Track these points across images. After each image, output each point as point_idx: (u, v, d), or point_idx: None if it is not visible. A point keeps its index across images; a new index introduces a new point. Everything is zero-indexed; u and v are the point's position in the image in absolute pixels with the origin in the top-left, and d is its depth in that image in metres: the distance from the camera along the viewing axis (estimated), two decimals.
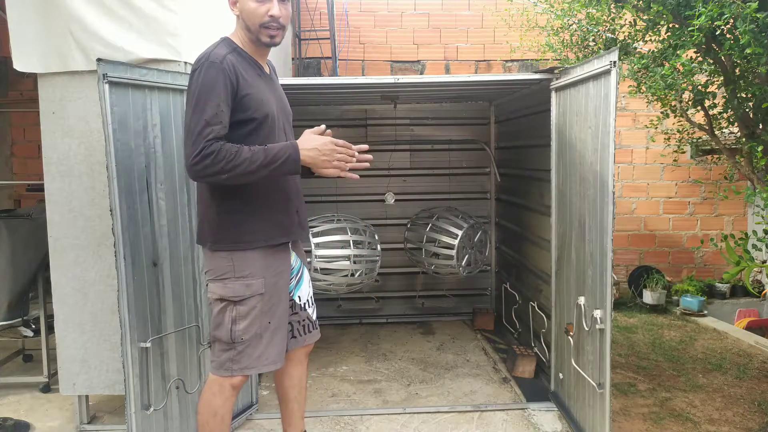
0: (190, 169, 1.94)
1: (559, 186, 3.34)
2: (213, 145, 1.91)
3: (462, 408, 3.40)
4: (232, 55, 2.05)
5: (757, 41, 2.70)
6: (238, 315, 2.13)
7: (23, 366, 4.12)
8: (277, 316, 2.23)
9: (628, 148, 5.91)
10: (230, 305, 2.13)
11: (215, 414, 2.20)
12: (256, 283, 2.13)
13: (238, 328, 2.13)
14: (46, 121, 2.99)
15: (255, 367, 2.18)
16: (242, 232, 2.11)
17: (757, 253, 3.57)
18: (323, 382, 3.84)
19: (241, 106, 2.02)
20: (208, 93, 1.94)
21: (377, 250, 4.09)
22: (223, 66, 1.97)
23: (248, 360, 2.16)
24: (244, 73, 2.05)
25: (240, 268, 2.11)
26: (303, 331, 2.42)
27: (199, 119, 1.92)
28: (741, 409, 3.38)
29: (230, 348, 2.15)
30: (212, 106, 1.93)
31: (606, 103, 2.62)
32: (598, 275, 2.74)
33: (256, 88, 2.09)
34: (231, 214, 2.10)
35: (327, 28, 5.52)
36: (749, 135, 3.46)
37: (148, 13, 2.86)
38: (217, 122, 1.93)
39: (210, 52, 2.02)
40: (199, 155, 1.90)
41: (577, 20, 4.12)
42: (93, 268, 3.05)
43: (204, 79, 1.96)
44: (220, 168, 1.91)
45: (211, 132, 1.91)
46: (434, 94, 4.55)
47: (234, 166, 1.91)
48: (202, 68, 1.98)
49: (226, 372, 2.17)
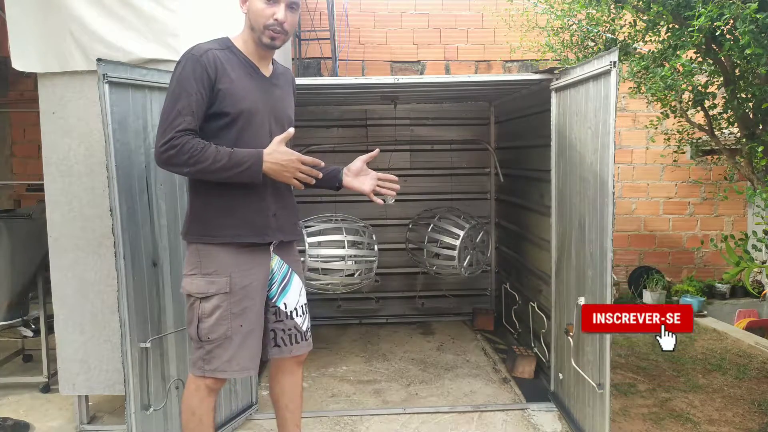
0: (157, 157, 1.99)
1: (559, 186, 3.34)
2: (182, 137, 1.94)
3: (462, 408, 3.40)
4: (220, 51, 2.07)
5: (757, 42, 2.70)
6: (203, 312, 2.11)
7: (23, 366, 4.12)
8: (249, 319, 2.16)
9: (628, 148, 5.91)
10: (197, 302, 2.12)
11: (193, 413, 2.19)
12: (221, 281, 2.10)
13: (204, 327, 2.11)
14: (46, 121, 2.99)
15: (226, 370, 2.14)
16: (210, 226, 2.11)
17: (757, 253, 3.56)
18: (323, 382, 3.84)
19: (216, 99, 2.04)
20: (183, 84, 1.98)
21: (374, 251, 4.09)
22: (201, 59, 2.00)
23: (218, 362, 2.13)
24: (228, 68, 2.06)
25: (206, 264, 2.11)
26: (289, 341, 2.33)
27: (172, 109, 1.96)
28: (741, 409, 3.38)
29: (200, 347, 2.14)
30: (185, 97, 1.97)
31: (606, 103, 2.62)
32: (598, 275, 2.74)
33: (238, 84, 2.07)
34: (201, 206, 2.12)
35: (327, 29, 5.52)
36: (749, 135, 3.46)
37: (148, 13, 2.86)
38: (188, 113, 1.96)
39: (194, 46, 2.06)
40: (166, 144, 1.94)
41: (577, 21, 4.12)
42: (93, 268, 3.05)
43: (182, 71, 2.00)
44: (184, 161, 1.95)
45: (181, 123, 1.94)
46: (434, 94, 4.55)
47: (196, 162, 1.95)
48: (182, 61, 2.02)
49: (198, 371, 2.16)
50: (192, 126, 1.98)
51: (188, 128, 1.96)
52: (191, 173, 2.00)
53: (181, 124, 1.95)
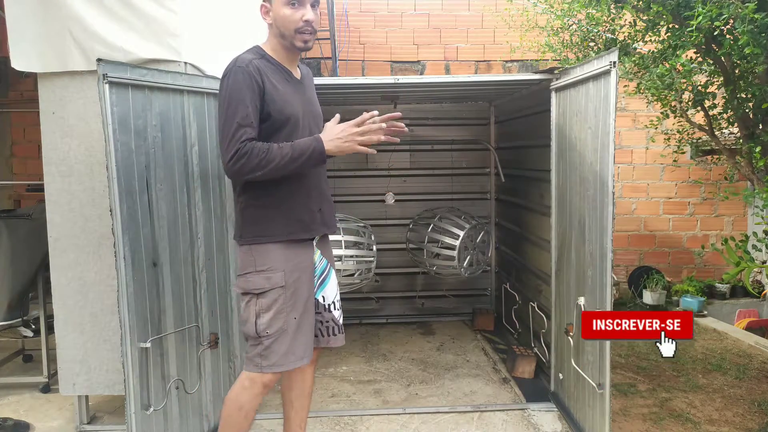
0: (229, 170, 2.07)
1: (559, 186, 3.34)
2: (246, 145, 2.03)
3: (462, 408, 3.40)
4: (258, 60, 2.15)
5: (756, 41, 2.70)
6: (261, 308, 2.19)
7: (23, 366, 4.12)
8: (301, 312, 2.26)
9: (628, 148, 5.91)
10: (254, 298, 2.20)
11: (240, 408, 2.24)
12: (276, 276, 2.19)
13: (262, 322, 2.18)
14: (46, 121, 2.99)
15: (283, 364, 2.22)
16: (262, 227, 2.20)
17: (757, 253, 3.56)
18: (323, 382, 3.84)
19: (265, 106, 2.12)
20: (237, 96, 2.05)
21: (372, 251, 4.09)
22: (249, 69, 2.08)
23: (276, 356, 2.20)
24: (270, 75, 2.15)
25: (261, 261, 2.20)
26: (325, 333, 2.44)
27: (232, 122, 2.03)
28: (741, 409, 3.38)
29: (258, 343, 2.20)
30: (242, 108, 2.04)
31: (606, 103, 2.62)
32: (598, 275, 2.74)
33: (281, 90, 2.17)
34: (252, 209, 2.21)
35: (327, 29, 5.51)
36: (749, 135, 3.46)
37: (149, 13, 2.86)
38: (248, 123, 2.04)
39: (237, 58, 2.14)
40: (234, 156, 2.02)
41: (577, 20, 4.12)
42: (93, 268, 3.05)
43: (232, 83, 2.06)
44: (255, 164, 2.03)
45: (243, 134, 2.03)
46: (434, 94, 4.55)
47: (267, 162, 2.03)
48: (230, 74, 2.09)
49: (256, 369, 2.21)
50: (253, 136, 2.06)
51: (251, 138, 2.05)
52: (265, 174, 2.06)
53: (243, 136, 2.03)
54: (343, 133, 2.14)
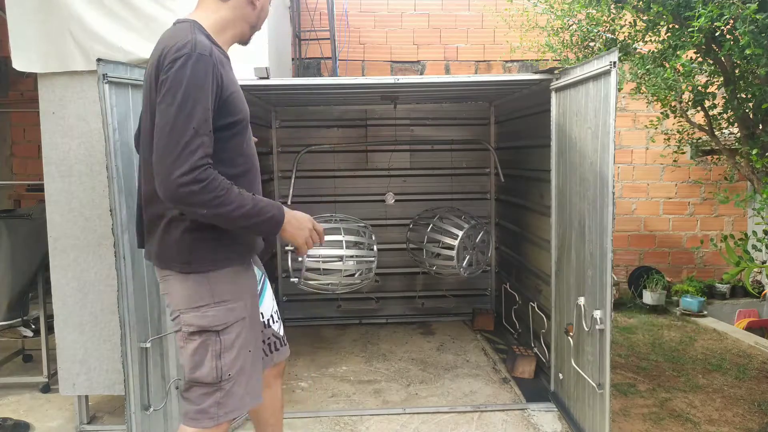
0: (172, 189, 1.60)
1: (559, 186, 3.34)
2: (207, 171, 1.61)
3: (462, 408, 3.40)
4: (214, 46, 1.77)
5: (757, 42, 2.70)
6: (223, 347, 1.80)
7: (23, 366, 4.12)
8: (254, 342, 1.95)
9: (628, 148, 5.91)
10: (212, 337, 1.80)
11: None
12: (239, 306, 1.85)
13: (225, 363, 1.81)
14: (46, 121, 2.99)
15: (240, 407, 1.88)
16: (219, 251, 1.80)
17: (757, 253, 3.57)
18: (323, 382, 3.84)
19: (227, 107, 1.75)
20: (196, 93, 1.62)
21: (373, 251, 4.09)
22: (213, 60, 1.68)
23: (234, 401, 1.85)
24: (224, 64, 1.79)
25: (220, 291, 1.81)
26: (269, 350, 2.12)
27: (186, 127, 1.60)
28: (741, 409, 3.38)
29: (216, 390, 1.82)
30: (201, 111, 1.62)
31: (606, 103, 2.62)
32: (598, 275, 2.74)
33: (235, 84, 1.83)
34: (203, 231, 1.76)
35: (327, 29, 5.52)
36: (749, 135, 3.46)
37: (148, 13, 2.87)
38: (206, 131, 1.63)
39: (194, 41, 1.67)
40: (188, 176, 1.58)
41: (577, 21, 4.11)
42: (93, 268, 3.05)
43: (191, 75, 1.62)
44: (207, 200, 1.61)
45: (200, 146, 1.61)
46: (434, 94, 4.55)
47: (220, 204, 1.63)
48: (189, 61, 1.63)
49: (211, 422, 1.82)
50: (211, 150, 1.66)
51: (208, 154, 1.64)
52: (207, 216, 1.66)
53: (199, 149, 1.61)
54: (306, 225, 1.84)
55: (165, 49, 1.68)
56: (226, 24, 1.87)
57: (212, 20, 1.83)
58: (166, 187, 1.60)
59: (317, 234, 1.89)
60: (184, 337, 1.83)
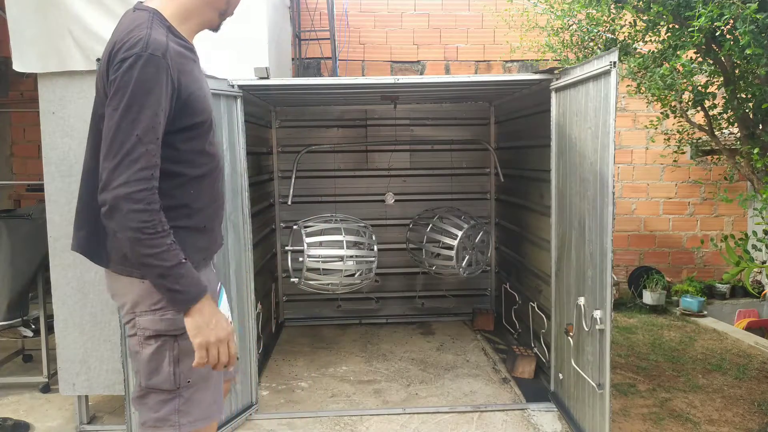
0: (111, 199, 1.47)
1: (559, 186, 3.35)
2: (148, 196, 1.49)
3: (462, 408, 3.40)
4: (170, 39, 1.60)
5: (757, 42, 2.70)
6: (180, 352, 1.67)
7: (23, 366, 4.12)
8: None
9: (628, 148, 5.91)
10: (170, 341, 1.67)
11: None
12: None
13: (183, 369, 1.67)
14: (46, 121, 3.00)
15: (210, 416, 1.74)
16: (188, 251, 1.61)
17: (757, 253, 3.57)
18: (323, 382, 3.84)
19: (187, 109, 1.62)
20: (145, 97, 1.50)
21: (374, 251, 4.09)
22: (166, 62, 1.53)
23: (200, 409, 1.71)
24: (183, 62, 1.63)
25: None
26: None
27: (130, 132, 1.48)
28: (741, 409, 3.38)
29: (174, 397, 1.68)
30: (148, 116, 1.50)
31: (606, 103, 2.62)
32: (598, 275, 2.74)
33: (197, 81, 1.68)
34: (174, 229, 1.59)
35: (327, 29, 5.52)
36: (749, 135, 3.46)
37: None
38: (151, 139, 1.50)
39: (147, 38, 1.53)
40: (124, 188, 1.46)
41: (577, 21, 4.12)
42: (93, 269, 3.05)
43: (141, 77, 1.50)
44: (134, 225, 1.47)
45: (143, 154, 1.49)
46: (434, 94, 4.55)
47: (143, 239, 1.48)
48: (138, 60, 1.50)
49: (171, 429, 1.68)
50: (156, 159, 1.52)
51: (152, 164, 1.51)
52: (123, 243, 1.52)
53: (141, 158, 1.48)
54: (218, 334, 1.59)
55: (117, 44, 1.56)
56: (190, 11, 1.71)
57: (174, 7, 1.68)
58: (103, 197, 1.50)
59: (227, 354, 1.62)
60: (139, 341, 1.69)
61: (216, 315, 1.60)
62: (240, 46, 3.41)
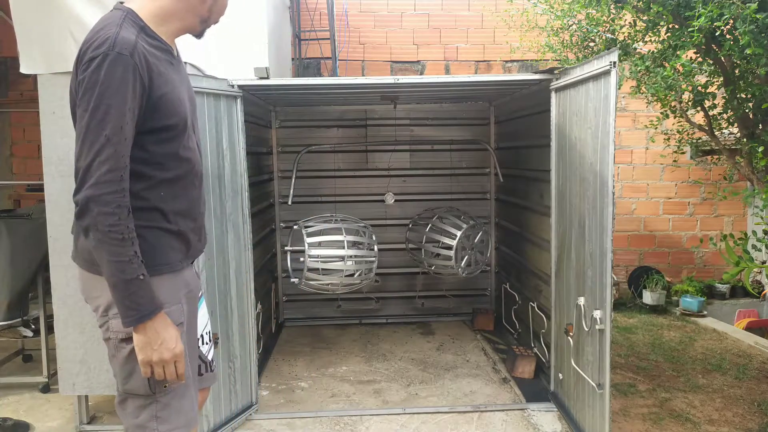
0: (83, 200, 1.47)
1: (559, 186, 3.35)
2: (118, 199, 1.48)
3: (462, 408, 3.40)
4: (141, 38, 1.57)
5: (757, 42, 2.70)
6: None
7: (23, 366, 4.12)
8: (191, 352, 1.80)
9: (628, 148, 5.91)
10: None
11: None
12: (175, 310, 1.67)
13: None
14: (46, 121, 2.99)
15: (187, 424, 1.70)
16: (158, 253, 1.63)
17: (757, 253, 3.57)
18: (323, 382, 3.84)
19: (156, 110, 1.59)
20: (112, 97, 1.48)
21: (374, 251, 4.09)
22: (134, 60, 1.51)
23: (177, 416, 1.67)
24: (156, 63, 1.60)
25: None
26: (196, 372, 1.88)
27: (98, 133, 1.47)
28: (741, 409, 3.38)
29: (151, 402, 1.65)
30: (116, 116, 1.48)
31: (606, 103, 2.62)
32: (598, 275, 2.74)
33: (171, 83, 1.65)
34: (147, 229, 1.61)
35: (327, 29, 5.52)
36: (749, 135, 3.46)
37: None
38: (120, 139, 1.49)
39: (115, 36, 1.51)
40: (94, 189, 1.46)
41: (577, 21, 4.12)
42: None
43: (108, 76, 1.48)
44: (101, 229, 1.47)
45: (111, 155, 1.47)
46: (434, 94, 4.55)
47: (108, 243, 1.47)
48: (105, 60, 1.48)
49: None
50: (125, 160, 1.51)
51: (120, 166, 1.49)
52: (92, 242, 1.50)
53: (110, 159, 1.47)
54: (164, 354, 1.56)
55: (86, 42, 1.54)
56: (168, 14, 1.68)
57: (153, 8, 1.65)
58: (76, 198, 1.50)
59: (172, 374, 1.60)
60: (114, 344, 1.67)
61: (165, 335, 1.57)
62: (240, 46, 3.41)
